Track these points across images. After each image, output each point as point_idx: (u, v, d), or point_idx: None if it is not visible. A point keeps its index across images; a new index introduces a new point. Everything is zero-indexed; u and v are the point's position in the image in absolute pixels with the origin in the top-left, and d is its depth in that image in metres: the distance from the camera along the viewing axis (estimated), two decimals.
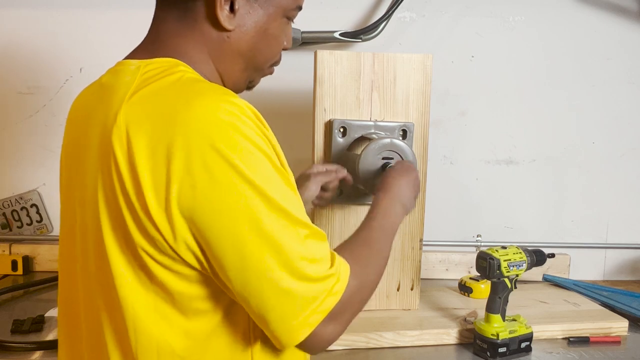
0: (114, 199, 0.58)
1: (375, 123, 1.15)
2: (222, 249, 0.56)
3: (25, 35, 1.48)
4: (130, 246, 0.58)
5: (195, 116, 0.55)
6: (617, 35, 1.54)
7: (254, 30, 0.68)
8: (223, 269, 0.58)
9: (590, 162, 1.58)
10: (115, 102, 0.60)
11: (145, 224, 0.56)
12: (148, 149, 0.55)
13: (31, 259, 1.50)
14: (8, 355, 1.00)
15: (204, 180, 0.54)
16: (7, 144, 1.51)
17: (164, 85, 0.60)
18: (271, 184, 0.57)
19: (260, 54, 0.71)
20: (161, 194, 0.55)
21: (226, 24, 0.65)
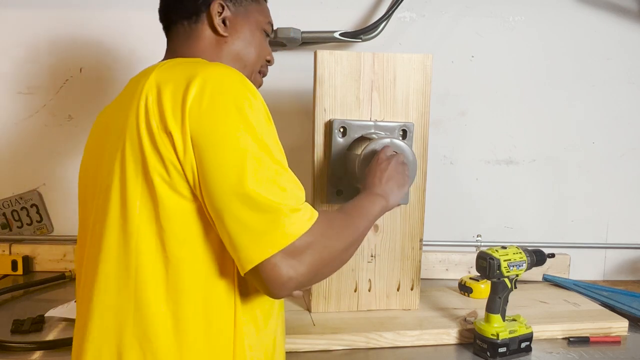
0: (136, 132, 0.69)
1: (375, 123, 1.15)
2: (208, 167, 0.66)
3: (25, 35, 1.48)
4: (145, 171, 0.68)
5: (210, 72, 0.70)
6: (617, 35, 1.54)
7: (242, 36, 0.90)
8: (205, 184, 0.66)
9: (590, 162, 1.58)
10: (144, 78, 0.72)
11: (161, 143, 0.67)
12: (172, 89, 0.68)
13: (31, 259, 1.50)
14: (8, 355, 1.00)
15: (209, 107, 0.67)
16: (7, 144, 1.51)
17: (187, 60, 0.79)
18: (264, 130, 0.69)
19: (250, 53, 0.92)
20: (177, 115, 0.67)
21: (221, 32, 0.88)
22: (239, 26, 0.90)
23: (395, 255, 1.21)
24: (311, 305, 1.20)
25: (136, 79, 0.78)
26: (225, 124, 0.67)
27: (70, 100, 1.50)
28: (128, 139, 0.70)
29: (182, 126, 0.66)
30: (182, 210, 0.68)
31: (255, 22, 0.92)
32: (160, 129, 0.67)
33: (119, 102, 0.79)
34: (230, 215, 0.65)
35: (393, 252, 1.21)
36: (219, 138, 0.66)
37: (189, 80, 0.68)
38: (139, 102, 0.69)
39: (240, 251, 0.65)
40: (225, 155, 0.66)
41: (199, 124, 0.66)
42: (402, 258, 1.22)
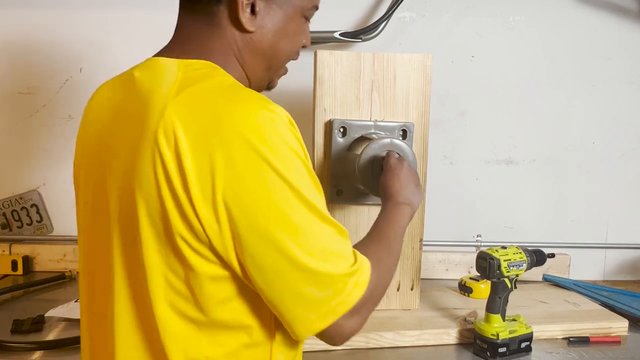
0: (155, 188, 0.60)
1: (375, 123, 1.15)
2: (252, 239, 0.59)
3: (25, 35, 1.48)
4: (167, 233, 0.61)
5: (238, 118, 0.59)
6: (617, 35, 1.54)
7: (274, 30, 0.72)
8: (250, 260, 0.60)
9: (590, 162, 1.58)
10: (159, 98, 0.62)
11: (188, 214, 0.59)
12: (194, 144, 0.59)
13: (31, 259, 1.50)
14: (8, 355, 1.00)
15: (244, 178, 0.58)
16: (6, 144, 1.51)
17: (208, 87, 0.63)
18: (304, 184, 0.61)
19: (281, 52, 0.76)
20: (206, 187, 0.58)
21: (248, 25, 0.70)
22: (273, 16, 0.72)
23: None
24: None
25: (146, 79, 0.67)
26: (265, 193, 0.59)
27: (70, 100, 1.50)
28: (143, 192, 0.61)
29: (213, 203, 0.58)
30: (214, 276, 0.62)
31: (296, 7, 0.74)
32: (184, 198, 0.59)
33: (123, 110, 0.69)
34: (284, 293, 0.61)
35: None
36: (259, 211, 0.59)
37: (212, 142, 0.58)
38: (154, 149, 0.60)
39: (298, 323, 0.63)
40: (271, 228, 0.59)
41: (233, 201, 0.58)
42: (402, 258, 1.22)
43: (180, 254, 0.61)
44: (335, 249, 0.63)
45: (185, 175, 0.58)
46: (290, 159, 0.61)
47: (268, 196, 0.59)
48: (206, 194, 0.58)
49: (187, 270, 0.62)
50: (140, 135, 0.62)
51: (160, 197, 0.60)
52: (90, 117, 0.75)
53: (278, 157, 0.59)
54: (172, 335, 0.63)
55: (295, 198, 0.60)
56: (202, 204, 0.58)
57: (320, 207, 0.63)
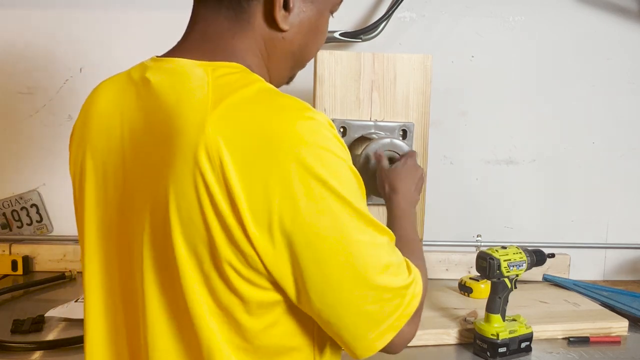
0: (199, 214, 0.55)
1: (375, 123, 1.15)
2: (313, 263, 0.56)
3: (25, 35, 1.48)
4: (214, 261, 0.56)
5: (286, 135, 0.55)
6: (617, 35, 1.54)
7: (307, 28, 0.68)
8: (310, 284, 0.57)
9: (590, 162, 1.58)
10: (192, 111, 0.56)
11: (239, 241, 0.55)
12: (242, 166, 0.54)
13: (31, 259, 1.50)
14: (8, 355, 1.00)
15: (299, 200, 0.54)
16: (6, 143, 1.51)
17: (247, 97, 0.57)
18: (356, 196, 0.58)
19: (309, 50, 0.72)
20: (260, 212, 0.54)
21: (283, 24, 0.65)
22: (306, 12, 0.67)
23: None
24: None
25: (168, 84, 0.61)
26: (324, 215, 0.55)
27: (70, 100, 1.50)
28: (182, 216, 0.56)
29: (270, 231, 0.54)
30: (262, 302, 0.59)
31: (327, 3, 0.71)
32: (234, 225, 0.54)
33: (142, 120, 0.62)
34: (348, 311, 0.59)
35: None
36: (321, 234, 0.56)
37: (263, 164, 0.54)
38: (195, 170, 0.54)
39: (358, 343, 0.61)
40: (334, 251, 0.56)
41: (292, 228, 0.55)
42: None
43: (228, 281, 0.57)
44: (393, 260, 0.62)
45: (235, 199, 0.53)
46: (340, 170, 0.57)
47: (327, 218, 0.56)
48: (260, 220, 0.54)
49: (233, 298, 0.58)
50: (172, 153, 0.56)
51: (206, 223, 0.55)
52: (96, 121, 0.69)
53: (330, 171, 0.56)
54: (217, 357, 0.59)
55: (353, 215, 0.57)
56: (256, 230, 0.54)
57: (371, 216, 0.60)
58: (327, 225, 0.56)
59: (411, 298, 0.63)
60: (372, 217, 0.60)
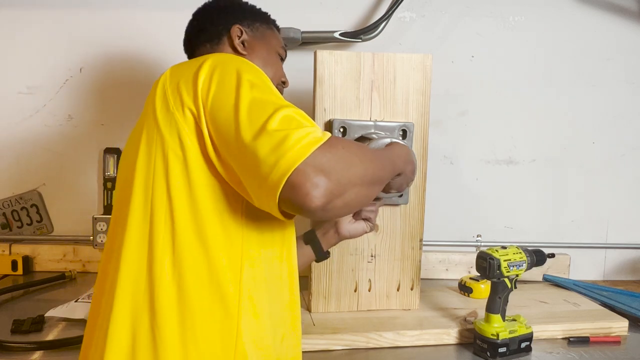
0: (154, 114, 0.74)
1: (375, 123, 1.15)
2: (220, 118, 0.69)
3: (25, 35, 1.48)
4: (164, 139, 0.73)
5: (219, 53, 0.78)
6: (617, 35, 1.54)
7: (260, 54, 1.00)
8: (220, 138, 0.68)
9: (590, 162, 1.58)
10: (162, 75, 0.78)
11: (179, 116, 0.72)
12: (186, 72, 0.74)
13: (31, 259, 1.50)
14: (8, 355, 1.00)
15: (216, 80, 0.71)
16: (7, 144, 1.51)
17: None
18: (265, 82, 0.72)
19: (270, 72, 1.00)
20: (190, 89, 0.71)
21: (241, 50, 0.99)
22: (257, 47, 1.00)
23: (395, 255, 1.21)
24: (311, 305, 1.20)
25: None
26: (230, 84, 0.70)
27: (70, 100, 1.50)
28: (148, 119, 0.75)
29: (195, 101, 0.71)
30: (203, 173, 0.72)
31: (270, 44, 1.02)
32: (178, 103, 0.72)
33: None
34: (247, 151, 0.65)
35: (393, 252, 1.21)
36: (224, 96, 0.69)
37: (199, 62, 0.74)
38: (156, 89, 0.75)
39: (262, 180, 0.63)
40: (231, 106, 0.68)
41: (209, 101, 0.70)
42: (402, 258, 1.22)
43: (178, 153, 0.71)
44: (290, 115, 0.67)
45: (180, 90, 0.72)
46: (260, 77, 0.73)
47: (232, 88, 0.70)
48: (191, 96, 0.71)
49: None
50: (149, 100, 0.77)
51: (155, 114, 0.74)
52: None
53: (249, 71, 0.72)
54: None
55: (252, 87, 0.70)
56: (190, 102, 0.71)
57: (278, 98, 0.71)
58: (229, 90, 0.69)
59: (308, 134, 0.64)
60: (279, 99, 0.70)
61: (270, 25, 1.05)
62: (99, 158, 1.51)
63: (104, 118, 1.50)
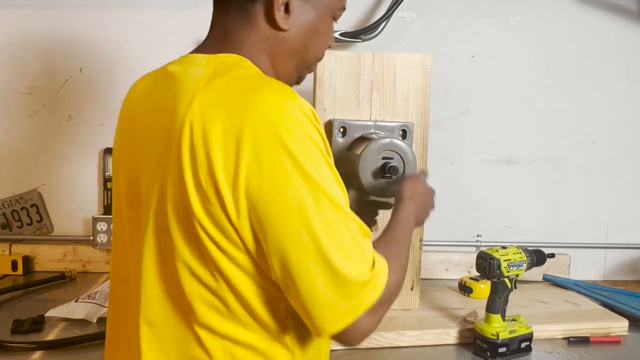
0: (181, 176, 0.62)
1: (375, 123, 1.15)
2: (275, 234, 0.60)
3: (25, 35, 1.48)
4: (188, 220, 0.62)
5: (263, 107, 0.61)
6: (617, 35, 1.54)
7: (306, 29, 0.75)
8: (273, 253, 0.61)
9: (590, 162, 1.58)
10: (189, 90, 0.65)
11: (211, 199, 0.61)
12: (221, 132, 0.60)
13: (31, 259, 1.50)
14: (8, 355, 1.00)
15: (267, 169, 0.60)
16: (7, 144, 1.51)
17: (234, 77, 0.66)
18: (326, 180, 0.62)
19: (311, 51, 0.78)
20: (230, 175, 0.60)
21: (282, 24, 0.72)
22: (306, 15, 0.74)
23: None
24: None
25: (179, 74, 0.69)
26: (285, 191, 0.60)
27: (70, 100, 1.50)
28: (171, 178, 0.63)
29: (234, 190, 0.60)
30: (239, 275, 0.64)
31: (327, 7, 0.77)
32: (208, 183, 0.61)
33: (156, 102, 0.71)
34: (305, 287, 0.61)
35: None
36: (281, 210, 0.60)
37: (239, 130, 0.60)
38: (181, 136, 0.62)
39: (322, 324, 0.62)
40: (294, 228, 0.60)
41: (257, 193, 0.60)
42: None
43: (199, 242, 0.63)
44: (357, 247, 0.63)
45: (212, 163, 0.60)
46: (312, 151, 0.62)
47: (290, 193, 0.60)
48: (229, 180, 0.60)
49: (205, 262, 0.64)
50: (170, 125, 0.64)
51: (183, 186, 0.62)
52: (125, 110, 0.79)
53: (300, 148, 0.60)
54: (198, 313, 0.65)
55: (317, 195, 0.61)
56: (226, 189, 0.60)
57: (341, 203, 0.63)
58: (287, 195, 0.60)
59: (372, 288, 0.63)
60: (344, 203, 0.64)
61: None
62: (99, 158, 1.51)
63: (104, 118, 1.49)
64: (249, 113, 0.61)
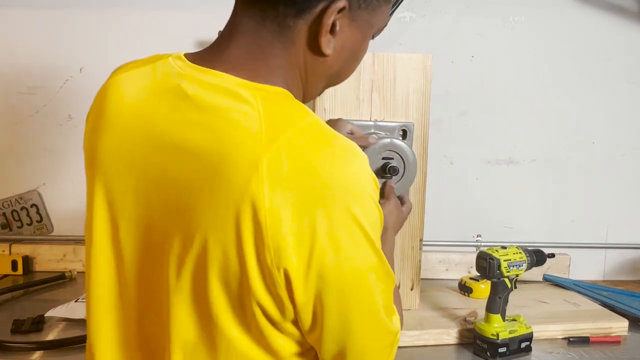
0: (236, 249, 0.55)
1: (375, 123, 1.15)
2: (336, 311, 0.59)
3: (25, 35, 1.48)
4: (242, 301, 0.57)
5: (339, 185, 0.55)
6: (617, 35, 1.54)
7: (348, 52, 0.66)
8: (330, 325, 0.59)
9: (590, 162, 1.58)
10: (245, 143, 0.54)
11: (276, 280, 0.55)
12: (294, 215, 0.53)
13: (31, 259, 1.50)
14: (8, 355, 1.00)
15: (342, 246, 0.56)
16: (7, 144, 1.51)
17: (301, 137, 0.56)
18: (377, 235, 0.60)
19: (346, 73, 0.71)
20: (303, 256, 0.54)
21: (326, 49, 0.62)
22: (351, 37, 0.64)
23: (395, 255, 1.21)
24: None
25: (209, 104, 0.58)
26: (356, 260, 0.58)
27: (70, 100, 1.50)
28: (220, 251, 0.55)
29: (306, 272, 0.55)
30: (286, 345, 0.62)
31: (373, 26, 0.67)
32: (273, 264, 0.54)
33: (178, 136, 0.58)
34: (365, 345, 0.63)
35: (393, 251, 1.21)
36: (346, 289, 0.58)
37: (313, 209, 0.54)
38: (244, 207, 0.53)
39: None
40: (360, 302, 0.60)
41: (327, 272, 0.56)
42: (402, 258, 1.22)
43: (255, 321, 0.58)
44: (392, 311, 0.65)
45: (281, 245, 0.53)
46: (374, 216, 0.59)
47: (360, 262, 0.58)
48: (302, 262, 0.55)
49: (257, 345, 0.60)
50: (218, 184, 0.54)
51: (243, 263, 0.55)
52: (114, 121, 0.65)
53: (369, 219, 0.57)
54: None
55: (379, 262, 0.60)
56: (296, 272, 0.55)
57: (385, 259, 0.62)
58: (358, 268, 0.58)
59: (396, 344, 0.68)
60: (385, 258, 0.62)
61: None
62: None
63: None
64: (322, 191, 0.54)
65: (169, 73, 0.63)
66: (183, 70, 0.62)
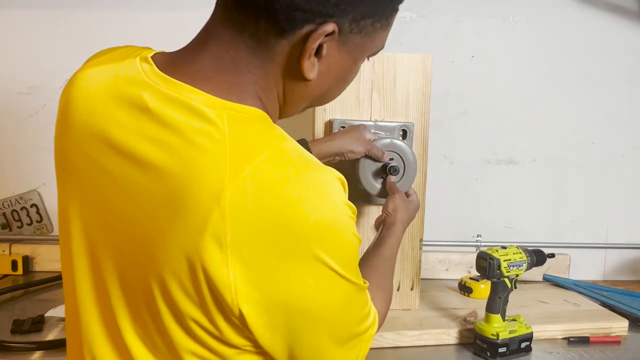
0: (192, 283, 0.52)
1: (375, 123, 1.15)
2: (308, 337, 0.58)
3: (25, 35, 1.48)
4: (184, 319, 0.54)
5: (306, 227, 0.51)
6: (617, 35, 1.54)
7: (334, 77, 0.60)
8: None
9: (590, 162, 1.58)
10: (205, 170, 0.50)
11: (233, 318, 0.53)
12: (255, 253, 0.50)
13: (31, 259, 1.50)
14: (8, 355, 1.00)
15: (308, 292, 0.54)
16: (7, 144, 1.51)
17: (269, 169, 0.51)
18: (354, 270, 0.58)
19: (333, 95, 0.64)
20: (264, 303, 0.52)
21: (309, 73, 0.56)
22: (338, 61, 0.58)
23: None
24: None
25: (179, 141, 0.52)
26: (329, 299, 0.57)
27: None
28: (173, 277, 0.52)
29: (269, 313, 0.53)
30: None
31: (365, 51, 0.61)
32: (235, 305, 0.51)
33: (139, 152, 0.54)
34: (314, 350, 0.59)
35: None
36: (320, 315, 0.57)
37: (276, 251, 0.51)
38: (202, 242, 0.49)
39: None
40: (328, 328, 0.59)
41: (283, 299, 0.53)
42: (402, 258, 1.22)
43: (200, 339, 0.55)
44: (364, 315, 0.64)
45: (234, 281, 0.50)
46: (348, 251, 0.56)
47: (328, 298, 0.56)
48: (260, 304, 0.52)
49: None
50: (177, 214, 0.51)
51: (201, 296, 0.52)
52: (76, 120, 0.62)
53: (341, 258, 0.54)
54: None
55: (349, 289, 0.58)
56: (257, 318, 0.52)
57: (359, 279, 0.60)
58: (326, 303, 0.56)
59: (367, 341, 0.64)
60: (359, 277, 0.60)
61: (393, 15, 0.63)
62: None
63: None
64: (287, 239, 0.51)
65: (133, 79, 0.58)
66: (148, 77, 0.57)
